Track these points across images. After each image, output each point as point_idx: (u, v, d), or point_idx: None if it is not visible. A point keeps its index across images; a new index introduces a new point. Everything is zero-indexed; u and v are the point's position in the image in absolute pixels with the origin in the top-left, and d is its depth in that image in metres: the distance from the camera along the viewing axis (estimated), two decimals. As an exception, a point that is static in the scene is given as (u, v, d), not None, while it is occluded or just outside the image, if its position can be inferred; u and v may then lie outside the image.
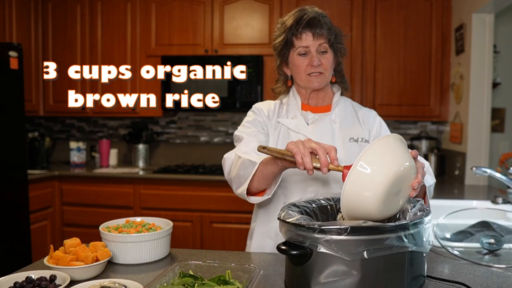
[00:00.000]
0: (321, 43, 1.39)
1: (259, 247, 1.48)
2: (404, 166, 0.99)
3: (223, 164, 1.41)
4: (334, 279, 0.91)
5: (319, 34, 1.38)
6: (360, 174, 0.97)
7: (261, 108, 1.52)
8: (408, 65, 3.40)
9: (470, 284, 1.06)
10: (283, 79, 1.53)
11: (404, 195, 1.04)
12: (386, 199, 0.98)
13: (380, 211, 0.99)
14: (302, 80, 1.44)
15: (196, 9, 3.56)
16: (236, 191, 1.34)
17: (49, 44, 3.74)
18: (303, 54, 1.40)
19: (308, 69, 1.41)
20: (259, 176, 1.24)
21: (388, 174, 0.97)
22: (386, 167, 0.97)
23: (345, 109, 1.50)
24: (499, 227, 1.53)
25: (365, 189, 0.97)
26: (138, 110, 3.66)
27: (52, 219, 3.42)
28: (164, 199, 3.33)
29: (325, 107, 1.49)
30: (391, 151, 0.99)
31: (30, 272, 1.06)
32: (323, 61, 1.40)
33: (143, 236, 1.24)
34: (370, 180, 0.96)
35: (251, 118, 1.50)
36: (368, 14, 3.42)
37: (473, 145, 3.07)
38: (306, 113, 1.48)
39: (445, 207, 2.18)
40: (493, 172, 1.93)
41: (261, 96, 3.46)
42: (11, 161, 2.85)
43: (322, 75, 1.41)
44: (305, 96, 1.50)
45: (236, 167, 1.30)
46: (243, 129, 1.48)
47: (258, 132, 1.45)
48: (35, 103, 3.70)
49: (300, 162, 1.06)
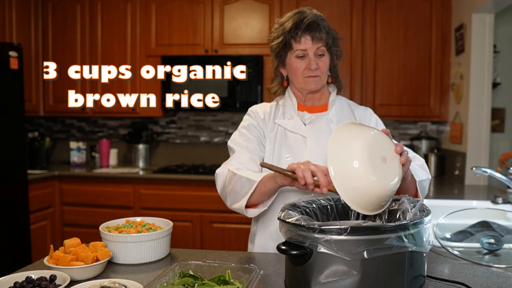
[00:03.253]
0: (319, 47, 1.40)
1: (261, 249, 1.47)
2: (368, 134, 1.09)
3: (216, 179, 1.43)
4: (334, 279, 0.91)
5: (318, 38, 1.39)
6: (338, 166, 1.04)
7: (257, 111, 1.53)
8: (408, 65, 3.40)
9: (470, 284, 1.06)
10: (279, 80, 1.54)
11: (393, 164, 1.09)
12: (372, 164, 1.04)
13: (378, 180, 1.03)
14: (299, 82, 1.45)
15: (196, 9, 3.56)
16: (230, 206, 1.38)
17: (49, 44, 3.74)
18: (301, 56, 1.41)
19: (306, 72, 1.42)
20: (257, 193, 1.29)
21: (357, 147, 1.05)
22: (354, 143, 1.07)
23: (342, 108, 1.51)
24: (499, 227, 1.53)
25: (351, 172, 1.04)
26: (138, 110, 3.66)
27: (52, 219, 3.42)
28: (164, 199, 3.33)
29: (322, 107, 1.51)
30: (348, 132, 1.09)
31: (30, 272, 1.06)
32: (320, 64, 1.42)
33: (143, 236, 1.24)
34: (351, 162, 1.04)
35: (246, 123, 1.52)
36: (368, 14, 3.42)
37: (473, 145, 3.07)
38: (302, 113, 1.49)
39: (445, 207, 2.18)
40: (493, 172, 1.93)
41: (261, 96, 3.46)
42: (11, 161, 2.85)
43: (318, 78, 1.43)
44: (301, 97, 1.51)
45: (231, 183, 1.33)
46: (237, 138, 1.49)
47: (250, 141, 1.46)
48: (35, 103, 3.70)
49: (301, 176, 1.12)
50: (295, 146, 1.44)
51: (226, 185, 1.37)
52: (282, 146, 1.45)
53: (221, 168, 1.43)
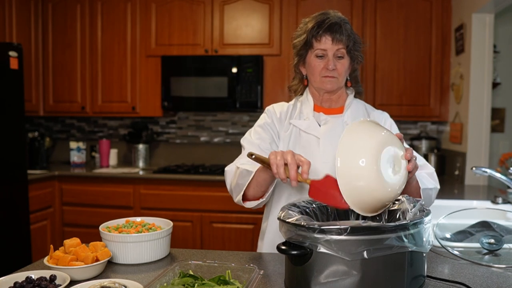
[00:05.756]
0: (339, 48, 1.41)
1: (271, 246, 1.48)
2: (381, 135, 1.08)
3: (225, 176, 1.47)
4: (334, 279, 0.91)
5: (339, 39, 1.40)
6: (345, 161, 1.04)
7: (274, 110, 1.55)
8: (408, 65, 3.40)
9: (470, 284, 1.06)
10: (299, 78, 1.56)
11: (400, 169, 1.08)
12: (379, 166, 1.03)
13: (380, 183, 1.02)
14: (316, 81, 1.47)
15: (196, 9, 3.56)
16: (235, 200, 1.40)
17: (49, 44, 3.74)
18: (320, 56, 1.43)
19: (323, 72, 1.43)
20: (254, 183, 1.31)
21: (367, 146, 1.05)
22: (366, 141, 1.06)
23: (358, 111, 1.53)
24: (499, 227, 1.53)
25: (357, 170, 1.04)
26: (138, 110, 3.66)
27: (52, 219, 3.42)
28: (164, 199, 3.33)
29: (338, 109, 1.52)
30: (363, 130, 1.09)
31: (30, 272, 1.06)
32: (338, 66, 1.43)
33: (143, 236, 1.24)
34: (359, 160, 1.04)
35: (262, 122, 1.54)
36: (368, 14, 3.42)
37: (473, 145, 3.07)
38: (318, 114, 1.50)
39: (445, 207, 2.18)
40: (493, 172, 1.93)
41: (261, 96, 3.46)
42: (11, 161, 2.85)
43: (335, 79, 1.44)
44: (318, 98, 1.52)
45: (235, 177, 1.37)
46: (250, 136, 1.51)
47: (262, 140, 1.48)
48: (35, 103, 3.70)
49: (275, 172, 1.15)
50: (308, 147, 1.45)
51: (232, 180, 1.40)
52: (295, 146, 1.46)
53: (230, 165, 1.45)
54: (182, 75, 3.51)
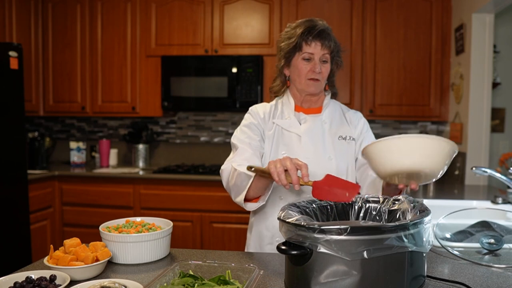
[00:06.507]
0: (325, 53, 1.53)
1: (258, 238, 1.60)
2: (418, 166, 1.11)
3: (221, 175, 1.54)
4: (334, 279, 0.91)
5: (327, 45, 1.52)
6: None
7: (257, 111, 1.65)
8: (408, 65, 3.40)
9: (470, 284, 1.06)
10: (282, 79, 1.65)
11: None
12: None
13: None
14: (301, 83, 1.56)
15: (196, 9, 3.56)
16: (234, 199, 1.48)
17: (49, 44, 3.74)
18: (307, 59, 1.53)
19: (309, 74, 1.53)
20: (253, 187, 1.39)
21: (397, 164, 1.11)
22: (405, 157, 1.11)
23: (334, 111, 1.64)
24: (499, 227, 1.53)
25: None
26: (138, 110, 3.66)
27: (52, 219, 3.42)
28: (164, 199, 3.33)
29: (317, 109, 1.63)
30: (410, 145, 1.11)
31: (30, 272, 1.06)
32: (323, 69, 1.54)
33: (143, 236, 1.24)
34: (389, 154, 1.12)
35: (247, 122, 1.63)
36: (368, 14, 3.42)
37: (473, 145, 3.07)
38: (299, 114, 1.61)
39: (445, 207, 2.19)
40: (493, 172, 1.93)
41: (261, 96, 3.46)
42: (11, 161, 2.85)
43: (319, 82, 1.55)
44: (299, 98, 1.63)
45: (233, 178, 1.44)
46: (239, 135, 1.60)
47: (252, 139, 1.57)
48: (35, 103, 3.70)
49: (277, 180, 1.22)
50: (290, 144, 1.56)
51: (230, 180, 1.47)
52: (279, 144, 1.57)
53: (225, 164, 1.54)
54: (182, 75, 3.51)
